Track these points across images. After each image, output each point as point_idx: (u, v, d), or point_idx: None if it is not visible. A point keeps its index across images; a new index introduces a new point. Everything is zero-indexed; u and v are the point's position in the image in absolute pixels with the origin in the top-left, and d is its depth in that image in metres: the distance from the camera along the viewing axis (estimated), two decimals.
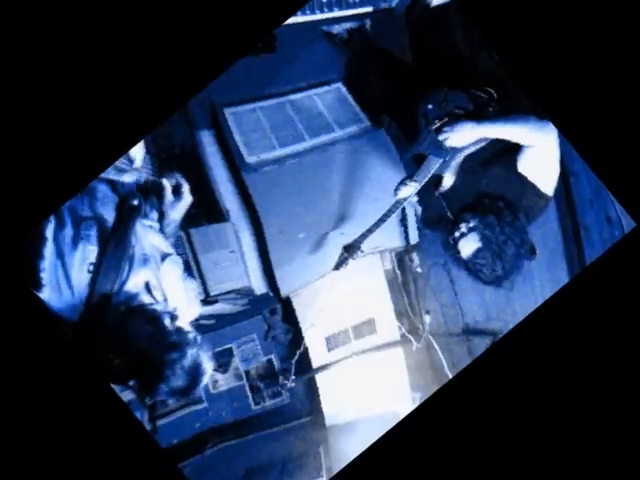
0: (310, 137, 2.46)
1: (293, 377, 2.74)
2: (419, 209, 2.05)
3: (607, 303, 1.12)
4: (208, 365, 1.34)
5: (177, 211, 1.67)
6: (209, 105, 2.45)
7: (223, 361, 2.66)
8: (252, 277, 2.38)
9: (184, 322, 1.43)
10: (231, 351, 2.69)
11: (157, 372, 1.25)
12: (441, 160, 1.74)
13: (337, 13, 2.36)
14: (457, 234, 1.75)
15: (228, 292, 2.30)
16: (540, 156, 1.67)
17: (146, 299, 1.34)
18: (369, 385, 2.84)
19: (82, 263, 1.27)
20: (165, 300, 1.40)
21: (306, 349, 2.73)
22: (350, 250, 2.04)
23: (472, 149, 1.78)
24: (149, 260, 1.39)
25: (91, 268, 1.27)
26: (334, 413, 2.80)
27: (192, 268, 2.13)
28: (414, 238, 2.69)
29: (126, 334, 1.26)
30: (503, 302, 2.62)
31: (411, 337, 2.89)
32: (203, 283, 2.22)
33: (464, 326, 2.89)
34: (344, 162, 2.45)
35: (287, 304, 2.68)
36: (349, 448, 2.64)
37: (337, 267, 2.10)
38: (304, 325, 2.70)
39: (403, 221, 2.49)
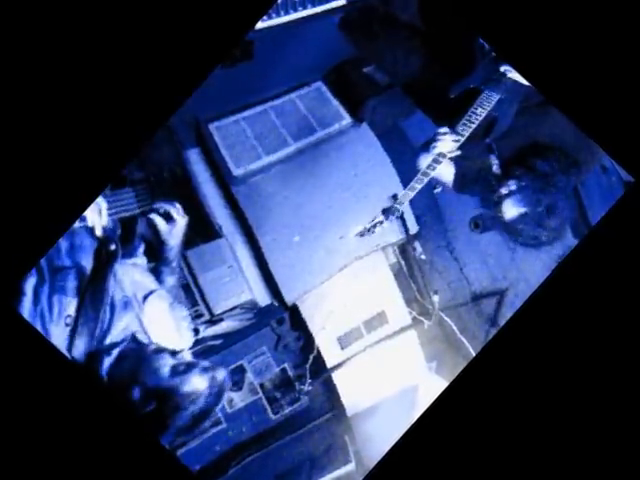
0: (294, 141, 2.44)
1: (309, 381, 2.71)
2: (452, 168, 1.69)
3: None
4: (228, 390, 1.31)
5: (175, 237, 1.62)
6: (194, 122, 2.42)
7: (236, 379, 2.63)
8: (254, 289, 2.36)
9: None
10: (243, 367, 2.66)
11: (176, 403, 1.20)
12: (498, 97, 1.43)
13: (312, 10, 2.29)
14: (504, 191, 1.49)
15: (232, 309, 2.27)
16: None
17: (133, 343, 1.29)
18: (386, 369, 2.83)
19: (59, 317, 1.20)
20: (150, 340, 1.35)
21: (319, 352, 2.71)
22: (387, 212, 1.53)
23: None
24: (130, 303, 1.33)
25: (68, 321, 1.21)
26: (354, 403, 2.79)
27: (193, 291, 2.10)
28: (413, 227, 2.69)
29: (131, 378, 1.20)
30: (507, 263, 2.66)
31: (422, 318, 2.88)
32: (206, 303, 2.19)
33: (472, 294, 2.93)
34: (329, 162, 2.43)
35: (294, 312, 2.64)
36: (374, 429, 2.65)
37: (362, 234, 1.58)
38: (314, 329, 2.67)
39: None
